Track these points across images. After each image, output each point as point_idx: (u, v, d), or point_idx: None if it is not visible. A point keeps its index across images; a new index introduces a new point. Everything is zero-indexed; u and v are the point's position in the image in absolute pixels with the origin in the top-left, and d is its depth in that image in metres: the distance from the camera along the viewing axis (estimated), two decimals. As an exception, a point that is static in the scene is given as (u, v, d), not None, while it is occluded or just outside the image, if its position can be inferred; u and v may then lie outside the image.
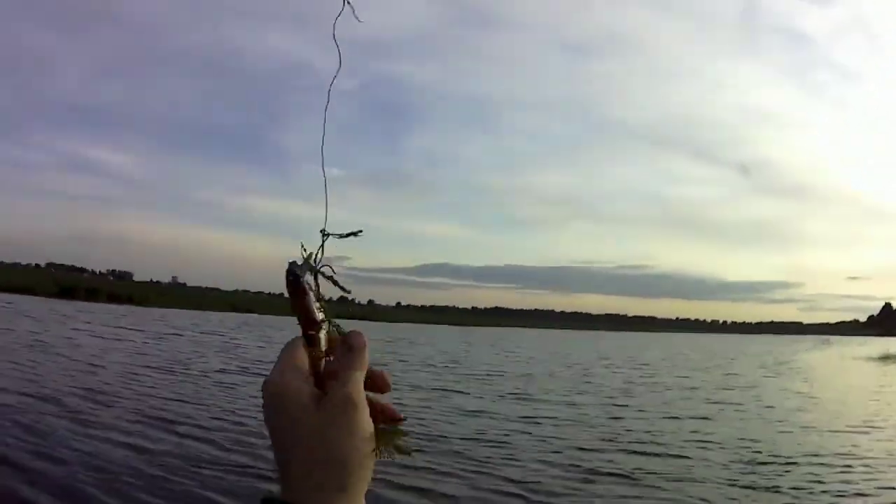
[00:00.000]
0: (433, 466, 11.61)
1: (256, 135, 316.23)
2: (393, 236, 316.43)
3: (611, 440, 15.91)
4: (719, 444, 15.92)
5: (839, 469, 13.28)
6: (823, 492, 11.50)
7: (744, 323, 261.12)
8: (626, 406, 22.56)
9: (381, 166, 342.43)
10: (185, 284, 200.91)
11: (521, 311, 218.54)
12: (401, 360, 35.51)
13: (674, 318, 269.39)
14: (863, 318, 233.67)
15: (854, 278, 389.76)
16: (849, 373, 44.89)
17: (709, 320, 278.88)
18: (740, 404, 24.63)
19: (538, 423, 17.98)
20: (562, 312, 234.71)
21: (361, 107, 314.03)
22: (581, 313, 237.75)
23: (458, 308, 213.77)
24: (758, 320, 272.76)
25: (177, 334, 42.11)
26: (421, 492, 10.10)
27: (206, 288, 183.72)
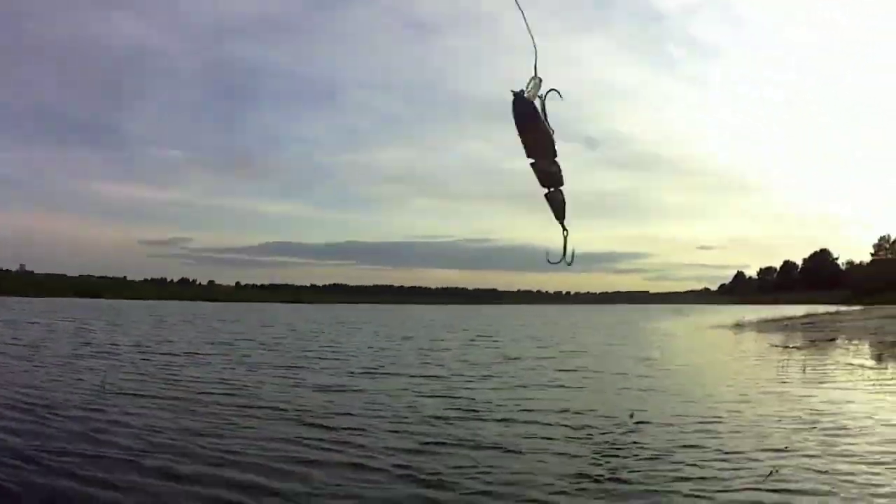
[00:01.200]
0: (289, 439, 12.32)
1: (104, 120, 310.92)
2: (234, 216, 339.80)
3: (460, 409, 16.11)
4: (571, 411, 15.93)
5: (697, 434, 13.29)
6: (679, 456, 11.42)
7: (588, 293, 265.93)
8: (474, 377, 22.66)
9: (224, 147, 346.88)
10: (32, 272, 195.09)
11: (361, 287, 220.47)
12: (245, 339, 36.82)
13: (516, 290, 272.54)
14: (714, 287, 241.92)
15: (705, 248, 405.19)
16: (703, 340, 46.13)
17: (552, 291, 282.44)
18: (592, 372, 24.85)
19: (387, 395, 18.26)
20: (401, 287, 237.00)
21: (205, 88, 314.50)
22: (422, 287, 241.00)
23: (297, 286, 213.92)
24: (604, 290, 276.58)
25: (29, 322, 44.11)
26: (273, 470, 10.19)
27: (53, 274, 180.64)
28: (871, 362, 26.27)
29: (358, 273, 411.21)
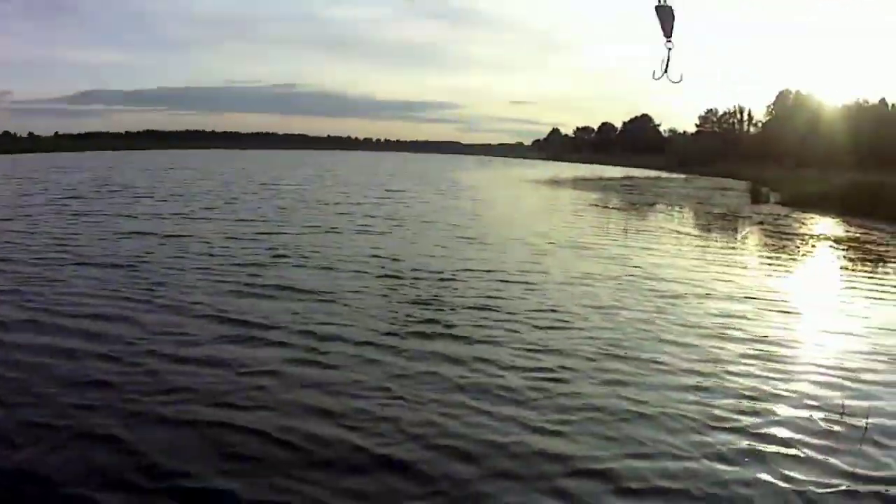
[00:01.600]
0: (108, 287, 12.15)
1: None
2: (52, 67, 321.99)
3: (273, 254, 16.19)
4: (384, 258, 16.03)
5: (519, 286, 13.22)
6: (501, 306, 11.43)
7: (399, 141, 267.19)
8: (285, 222, 22.94)
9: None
10: None
11: (173, 132, 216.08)
12: (64, 190, 33.92)
13: (326, 135, 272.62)
14: (528, 142, 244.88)
15: (518, 102, 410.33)
16: (518, 194, 46.75)
17: (362, 138, 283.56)
18: (403, 219, 24.91)
19: (199, 240, 18.14)
20: (212, 132, 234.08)
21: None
22: (231, 133, 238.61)
23: (112, 133, 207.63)
24: (414, 139, 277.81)
25: None
26: (95, 316, 10.13)
27: None
28: (697, 231, 26.26)
29: (170, 119, 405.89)
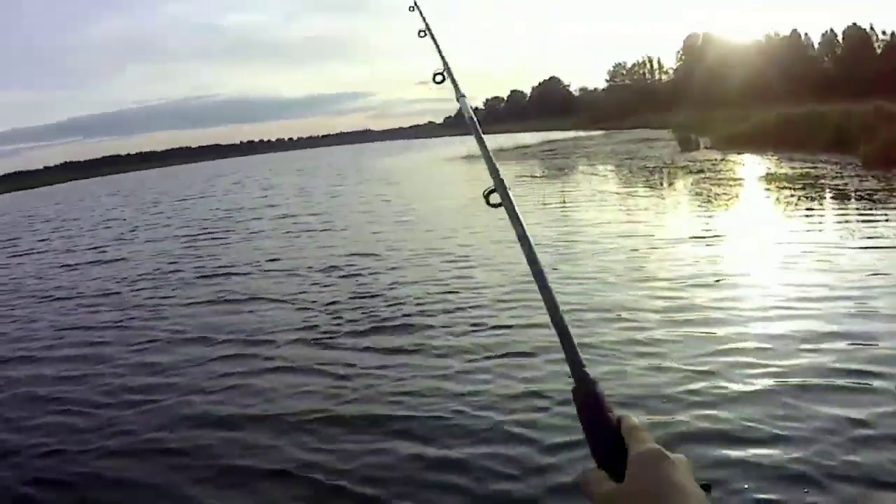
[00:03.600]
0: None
1: None
2: None
3: (213, 263, 17.19)
4: (326, 256, 16.65)
5: (447, 266, 14.12)
6: (442, 289, 12.14)
7: (311, 137, 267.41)
8: (217, 232, 23.87)
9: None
10: None
11: (91, 161, 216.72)
12: None
13: (238, 142, 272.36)
14: (438, 120, 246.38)
15: (424, 83, 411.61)
16: (438, 173, 46.56)
17: (274, 139, 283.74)
18: (333, 216, 25.74)
19: (149, 261, 18.93)
20: (128, 155, 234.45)
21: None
22: (148, 152, 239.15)
23: (30, 171, 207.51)
24: (326, 133, 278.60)
25: None
26: None
27: None
28: (639, 189, 25.25)
29: (85, 148, 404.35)
